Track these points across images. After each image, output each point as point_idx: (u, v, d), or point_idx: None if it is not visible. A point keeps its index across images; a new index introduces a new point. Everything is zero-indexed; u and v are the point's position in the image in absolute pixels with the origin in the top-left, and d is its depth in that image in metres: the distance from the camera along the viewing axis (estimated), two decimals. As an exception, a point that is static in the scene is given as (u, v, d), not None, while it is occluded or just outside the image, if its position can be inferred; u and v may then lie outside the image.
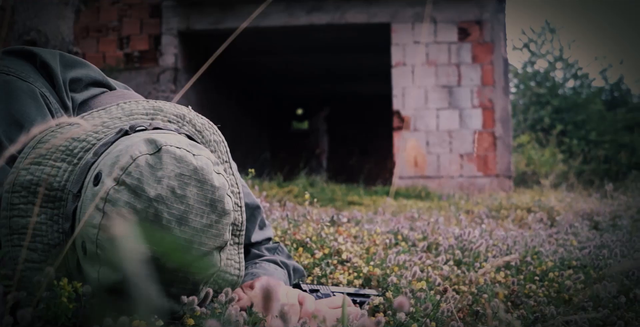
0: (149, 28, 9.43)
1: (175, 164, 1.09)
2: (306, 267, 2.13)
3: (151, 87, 9.16)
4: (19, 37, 5.20)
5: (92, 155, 1.16)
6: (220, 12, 9.21)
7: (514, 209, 4.82)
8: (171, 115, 1.33)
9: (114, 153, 1.11)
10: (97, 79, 1.52)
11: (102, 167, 1.10)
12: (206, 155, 1.14)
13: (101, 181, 1.08)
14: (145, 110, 1.33)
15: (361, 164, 10.16)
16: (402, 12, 8.85)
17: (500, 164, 8.35)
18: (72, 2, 5.43)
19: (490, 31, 8.67)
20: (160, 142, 1.10)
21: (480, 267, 2.45)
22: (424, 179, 8.34)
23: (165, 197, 1.06)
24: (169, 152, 1.09)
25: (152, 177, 1.06)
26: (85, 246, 1.08)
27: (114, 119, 1.28)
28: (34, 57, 1.40)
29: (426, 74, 8.65)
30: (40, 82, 1.36)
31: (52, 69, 1.39)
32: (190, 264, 1.10)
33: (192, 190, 1.08)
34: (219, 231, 1.12)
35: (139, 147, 1.09)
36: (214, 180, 1.11)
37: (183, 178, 1.08)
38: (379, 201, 5.77)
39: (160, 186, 1.06)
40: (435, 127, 8.52)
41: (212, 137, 1.36)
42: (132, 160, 1.07)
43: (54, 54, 1.44)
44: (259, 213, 1.70)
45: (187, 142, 1.15)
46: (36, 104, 1.31)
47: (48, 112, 1.33)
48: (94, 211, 1.05)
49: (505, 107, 8.51)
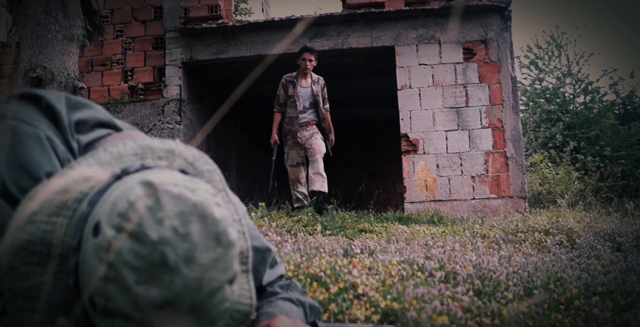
0: (153, 60, 9.46)
1: (174, 202, 1.05)
2: (321, 303, 2.06)
3: (156, 119, 9.14)
4: (25, 74, 5.20)
5: (87, 206, 1.12)
6: (223, 41, 9.23)
7: (531, 231, 4.70)
8: (160, 152, 1.31)
9: (110, 200, 1.07)
10: (103, 120, 1.52)
11: (99, 216, 1.06)
12: (203, 188, 1.11)
13: (101, 231, 1.03)
14: (133, 150, 1.30)
15: (370, 190, 10.07)
16: (406, 35, 8.82)
17: (513, 185, 8.23)
18: (77, 38, 5.45)
19: (497, 50, 8.62)
20: (155, 182, 1.06)
21: (502, 297, 2.35)
22: (435, 203, 8.24)
23: (169, 238, 1.01)
24: (166, 191, 1.05)
25: (152, 219, 1.02)
26: (94, 300, 1.04)
27: (103, 165, 1.26)
28: (39, 100, 1.40)
29: (433, 96, 8.59)
30: (46, 125, 1.36)
31: (57, 111, 1.39)
32: (203, 303, 1.06)
33: (195, 226, 1.04)
34: (227, 264, 1.08)
35: (135, 191, 1.05)
36: (215, 213, 1.07)
37: (184, 216, 1.04)
38: (390, 228, 5.66)
39: (162, 227, 1.02)
40: (444, 150, 8.43)
41: (205, 167, 1.31)
42: (130, 206, 1.03)
43: (59, 96, 1.44)
44: (270, 255, 1.66)
45: (182, 177, 1.12)
46: (41, 148, 1.31)
47: (54, 156, 1.32)
48: (97, 262, 1.02)
49: (515, 126, 8.41)
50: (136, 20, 9.61)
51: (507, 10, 8.69)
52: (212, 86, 10.70)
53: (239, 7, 17.78)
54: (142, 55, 9.51)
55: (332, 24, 9.06)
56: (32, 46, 5.26)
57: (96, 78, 9.52)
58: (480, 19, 8.67)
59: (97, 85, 9.48)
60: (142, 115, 9.19)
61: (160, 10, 9.53)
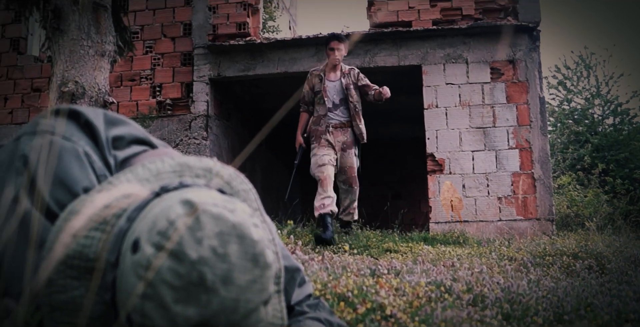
0: (181, 76, 9.56)
1: (214, 222, 1.06)
2: (349, 323, 2.04)
3: (183, 134, 9.21)
4: (58, 89, 5.29)
5: (126, 222, 1.13)
6: (251, 58, 9.29)
7: (560, 255, 4.63)
8: (198, 170, 1.32)
9: (150, 217, 1.08)
10: (139, 136, 1.55)
11: (139, 233, 1.07)
12: (241, 208, 1.12)
13: (140, 248, 1.04)
14: (171, 168, 1.32)
15: (395, 209, 10.02)
16: (433, 54, 8.82)
17: (541, 207, 8.14)
18: (108, 54, 5.54)
19: (525, 70, 8.57)
20: (195, 201, 1.07)
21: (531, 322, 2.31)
22: (461, 223, 8.16)
23: (207, 258, 1.02)
24: (206, 211, 1.06)
25: (192, 239, 1.03)
26: (131, 317, 1.05)
27: (142, 181, 1.28)
28: (78, 116, 1.43)
29: (460, 116, 8.55)
30: (84, 141, 1.39)
31: (95, 127, 1.43)
32: (239, 323, 1.06)
33: (233, 247, 1.05)
34: (263, 285, 1.09)
35: (175, 210, 1.06)
36: (253, 234, 1.08)
37: (223, 236, 1.05)
38: (415, 248, 5.62)
39: (202, 247, 1.02)
40: (471, 170, 8.36)
41: (241, 187, 1.33)
42: (170, 224, 1.04)
43: (97, 113, 1.48)
44: (299, 275, 1.67)
45: (221, 197, 1.13)
46: (79, 164, 1.34)
47: (91, 172, 1.36)
48: (135, 279, 1.03)
49: (543, 147, 8.34)
50: (165, 37, 9.73)
51: (536, 30, 8.65)
52: (239, 102, 10.76)
53: (266, 25, 17.91)
54: (170, 71, 9.61)
55: (359, 42, 9.08)
56: (65, 61, 5.35)
57: (125, 93, 9.64)
58: (509, 39, 8.64)
59: (126, 100, 9.59)
60: (169, 130, 9.26)
61: (190, 27, 9.64)
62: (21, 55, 10.05)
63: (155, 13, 9.82)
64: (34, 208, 1.25)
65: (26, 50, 10.19)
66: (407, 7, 9.00)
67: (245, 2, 9.47)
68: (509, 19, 8.69)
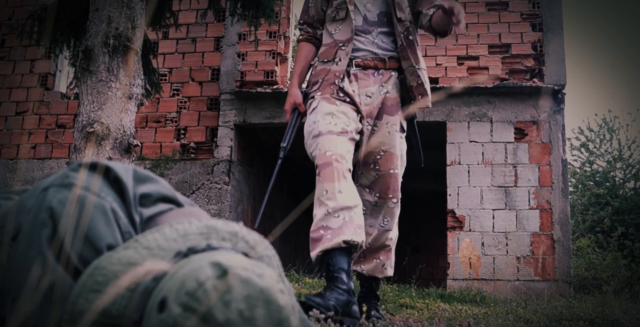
0: (206, 120, 9.64)
1: (242, 286, 1.07)
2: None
3: (205, 178, 9.25)
4: (82, 129, 5.33)
5: (152, 280, 1.14)
6: (277, 106, 9.37)
7: (576, 320, 4.55)
8: (224, 233, 1.35)
9: (178, 278, 1.10)
10: (167, 195, 1.57)
11: (166, 292, 1.08)
12: (269, 274, 1.14)
13: (167, 308, 1.06)
14: (198, 229, 1.34)
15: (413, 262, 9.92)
16: (458, 111, 8.86)
17: (559, 269, 8.04)
18: (135, 97, 5.60)
19: (548, 131, 8.58)
20: (225, 264, 1.09)
21: (549, 390, 2.27)
22: (478, 281, 8.08)
23: (234, 321, 1.04)
24: (235, 275, 1.08)
25: (220, 301, 1.05)
26: None
27: (169, 241, 1.30)
28: (108, 172, 1.46)
29: (482, 174, 8.54)
30: (112, 197, 1.41)
31: (124, 184, 1.45)
32: None
33: (260, 311, 1.07)
34: None
35: (204, 271, 1.08)
36: (279, 299, 1.10)
37: (250, 300, 1.07)
38: (432, 305, 5.56)
39: (229, 310, 1.04)
40: (491, 228, 8.31)
41: (265, 252, 1.37)
42: (199, 285, 1.06)
43: (127, 169, 1.51)
44: None
45: (249, 262, 1.16)
46: (106, 220, 1.36)
47: (116, 228, 1.37)
48: None
49: (564, 209, 8.29)
50: (193, 81, 9.86)
51: (561, 92, 8.69)
52: (263, 149, 10.81)
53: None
54: (196, 115, 9.70)
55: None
56: (92, 102, 5.39)
57: (150, 134, 9.72)
58: (534, 100, 8.68)
59: (150, 141, 9.67)
60: (191, 173, 9.31)
61: (218, 72, 9.77)
62: (48, 91, 10.14)
63: (184, 57, 9.96)
64: (57, 262, 1.26)
65: (53, 86, 10.30)
66: (435, 64, 9.09)
67: (274, 51, 9.61)
68: (535, 80, 8.74)
